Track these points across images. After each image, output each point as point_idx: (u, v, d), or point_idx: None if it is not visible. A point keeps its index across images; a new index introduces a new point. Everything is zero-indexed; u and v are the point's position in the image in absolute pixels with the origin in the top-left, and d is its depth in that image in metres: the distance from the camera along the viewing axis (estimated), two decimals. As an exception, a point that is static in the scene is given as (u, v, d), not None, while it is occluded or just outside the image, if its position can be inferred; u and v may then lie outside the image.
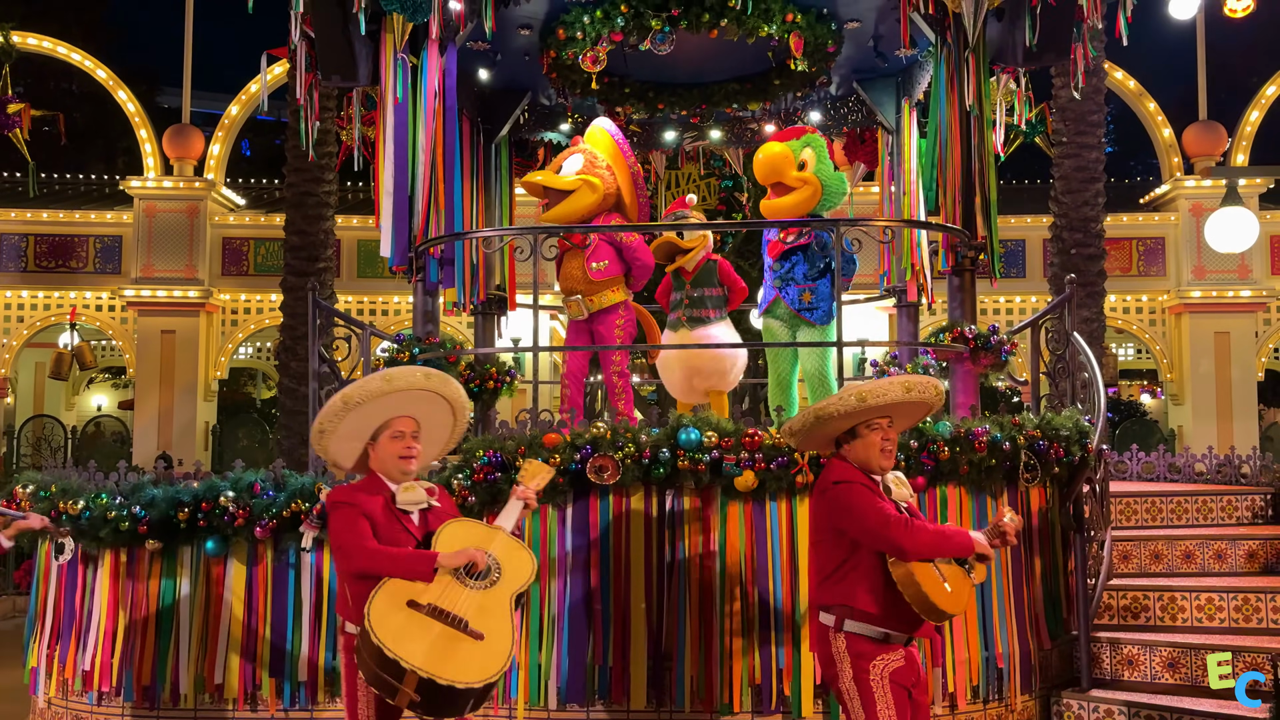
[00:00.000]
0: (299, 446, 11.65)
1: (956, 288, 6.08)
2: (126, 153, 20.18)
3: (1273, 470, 6.76)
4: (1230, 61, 18.93)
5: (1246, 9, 9.33)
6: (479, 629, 3.28)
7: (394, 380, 3.55)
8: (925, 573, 3.43)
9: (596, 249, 5.99)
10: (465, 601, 3.31)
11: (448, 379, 3.68)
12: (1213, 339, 14.98)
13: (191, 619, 4.66)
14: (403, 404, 3.58)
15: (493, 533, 3.53)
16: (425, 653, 3.18)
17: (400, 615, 3.25)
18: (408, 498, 3.54)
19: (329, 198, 13.11)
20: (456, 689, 3.17)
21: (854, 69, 7.03)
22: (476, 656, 3.23)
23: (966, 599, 3.54)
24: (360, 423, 3.56)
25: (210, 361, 15.56)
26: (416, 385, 3.59)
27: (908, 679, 3.52)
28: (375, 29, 5.91)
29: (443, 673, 3.15)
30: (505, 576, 3.41)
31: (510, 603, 3.38)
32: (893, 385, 3.57)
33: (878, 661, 3.46)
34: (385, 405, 3.56)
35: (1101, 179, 12.42)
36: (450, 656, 3.20)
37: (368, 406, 3.53)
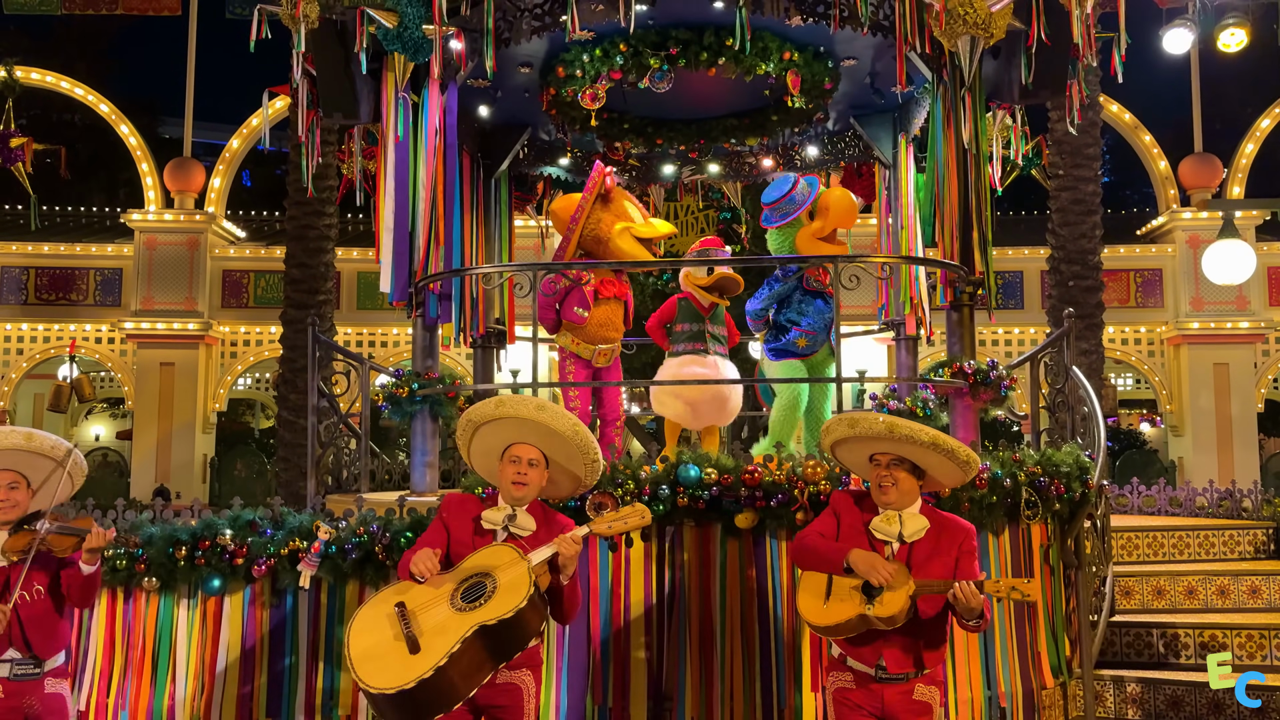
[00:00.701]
0: (298, 479, 11.62)
1: (955, 323, 6.09)
2: (128, 185, 20.30)
3: (1274, 505, 6.74)
4: (1225, 94, 19.09)
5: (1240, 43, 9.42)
6: (424, 644, 3.31)
7: (503, 406, 3.70)
8: (809, 583, 3.59)
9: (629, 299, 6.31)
10: (433, 616, 3.37)
11: (563, 414, 3.69)
12: (1212, 370, 15.00)
13: (189, 658, 4.63)
14: (521, 431, 3.68)
15: (516, 562, 3.49)
16: (363, 649, 3.33)
17: (379, 612, 3.42)
18: (491, 515, 3.65)
19: (329, 231, 13.17)
20: (361, 687, 3.29)
21: (851, 105, 7.09)
22: (395, 667, 3.27)
23: (844, 622, 3.46)
24: (487, 442, 3.75)
25: (209, 394, 15.56)
26: (523, 414, 3.66)
27: (863, 705, 3.53)
28: (377, 68, 5.96)
29: (360, 670, 3.29)
30: (487, 605, 3.38)
31: (468, 630, 3.32)
32: (841, 422, 3.70)
33: (831, 676, 3.66)
34: (502, 430, 3.69)
35: (1098, 211, 12.48)
36: (377, 659, 3.30)
37: (486, 428, 3.72)
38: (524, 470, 3.64)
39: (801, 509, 4.51)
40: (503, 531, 3.63)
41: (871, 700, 3.55)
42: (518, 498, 3.65)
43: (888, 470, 3.60)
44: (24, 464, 3.68)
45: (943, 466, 3.62)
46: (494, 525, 3.64)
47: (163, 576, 4.58)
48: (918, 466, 3.62)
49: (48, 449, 3.68)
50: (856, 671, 3.57)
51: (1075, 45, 5.97)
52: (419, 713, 3.32)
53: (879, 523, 3.60)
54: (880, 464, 3.61)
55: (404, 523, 4.64)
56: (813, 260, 5.96)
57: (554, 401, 4.23)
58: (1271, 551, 6.40)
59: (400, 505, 4.93)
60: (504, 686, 3.54)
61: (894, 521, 3.58)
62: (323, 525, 4.60)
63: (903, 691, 3.54)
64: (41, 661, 3.63)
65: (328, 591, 4.65)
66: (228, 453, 16.22)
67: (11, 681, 3.58)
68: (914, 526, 3.57)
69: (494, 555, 3.52)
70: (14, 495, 3.65)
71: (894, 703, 3.54)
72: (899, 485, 3.60)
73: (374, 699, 3.31)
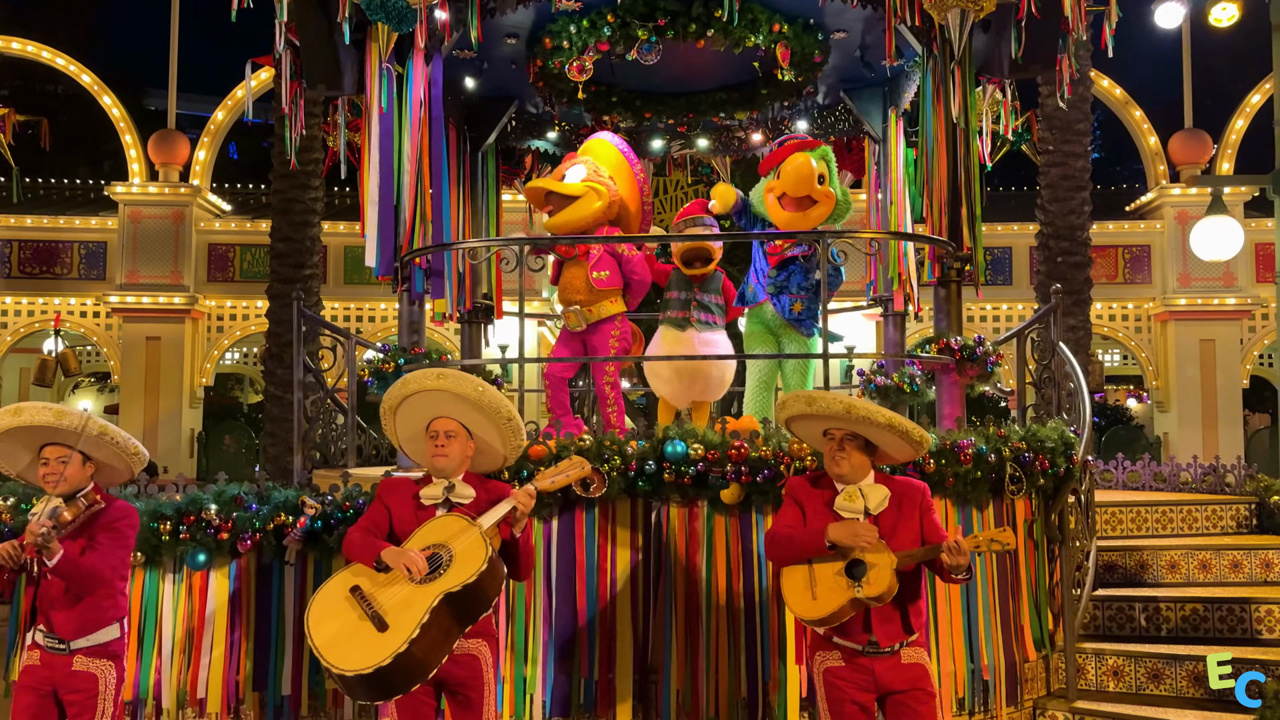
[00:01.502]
0: (285, 454, 11.60)
1: (943, 299, 6.09)
2: (111, 157, 20.08)
3: (1257, 480, 6.79)
4: (1216, 70, 19.06)
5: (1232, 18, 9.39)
6: (391, 621, 3.31)
7: (407, 384, 3.74)
8: (792, 577, 3.58)
9: (600, 260, 5.94)
10: (392, 594, 3.38)
11: (464, 378, 3.69)
12: (1198, 346, 15.07)
13: (174, 633, 4.63)
14: (434, 405, 3.70)
15: (467, 529, 3.50)
16: (328, 635, 3.34)
17: (336, 597, 3.42)
18: (430, 491, 3.69)
19: (315, 204, 13.07)
20: (334, 672, 3.29)
21: (841, 79, 7.04)
22: (367, 646, 3.28)
23: (836, 610, 3.47)
24: (410, 426, 3.80)
25: (196, 368, 15.49)
26: (426, 386, 3.70)
27: (855, 682, 3.54)
28: (360, 38, 5.88)
29: (329, 656, 3.29)
30: (448, 574, 3.40)
31: (434, 599, 3.33)
32: (799, 398, 3.72)
33: (818, 656, 3.66)
34: (415, 406, 3.74)
35: (1088, 187, 12.47)
36: (344, 643, 3.30)
37: (402, 410, 3.77)
38: (442, 442, 3.68)
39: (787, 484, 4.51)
40: (444, 506, 3.65)
41: (862, 675, 3.56)
42: (440, 469, 3.69)
43: (840, 445, 3.65)
44: (65, 437, 3.70)
45: (895, 444, 3.68)
46: (434, 500, 3.67)
47: (147, 551, 4.56)
48: (870, 442, 3.67)
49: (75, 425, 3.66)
50: (844, 649, 3.58)
51: (1066, 19, 5.94)
52: (392, 689, 3.35)
53: (842, 500, 3.63)
54: (834, 439, 3.66)
55: (390, 498, 4.63)
56: (802, 236, 5.93)
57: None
58: (1253, 526, 6.45)
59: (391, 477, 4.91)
60: (462, 658, 3.56)
61: (856, 497, 3.62)
62: (308, 500, 4.59)
63: (892, 664, 3.56)
64: (66, 639, 3.63)
65: (314, 566, 4.66)
66: (215, 427, 16.17)
67: (46, 653, 3.66)
68: (877, 498, 3.62)
69: (443, 526, 3.54)
70: (63, 469, 3.67)
71: (886, 674, 3.55)
72: (851, 459, 3.65)
73: (347, 681, 3.31)
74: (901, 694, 3.57)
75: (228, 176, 19.18)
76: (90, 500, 3.68)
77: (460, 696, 3.62)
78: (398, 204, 5.93)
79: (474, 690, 3.61)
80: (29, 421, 3.66)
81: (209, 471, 14.70)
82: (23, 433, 3.71)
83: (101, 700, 3.66)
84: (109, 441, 3.74)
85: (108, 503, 3.75)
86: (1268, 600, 5.29)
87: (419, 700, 3.56)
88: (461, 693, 3.61)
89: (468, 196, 7.29)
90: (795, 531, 3.63)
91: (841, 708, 3.56)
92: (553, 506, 4.61)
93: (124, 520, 3.76)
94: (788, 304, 6.08)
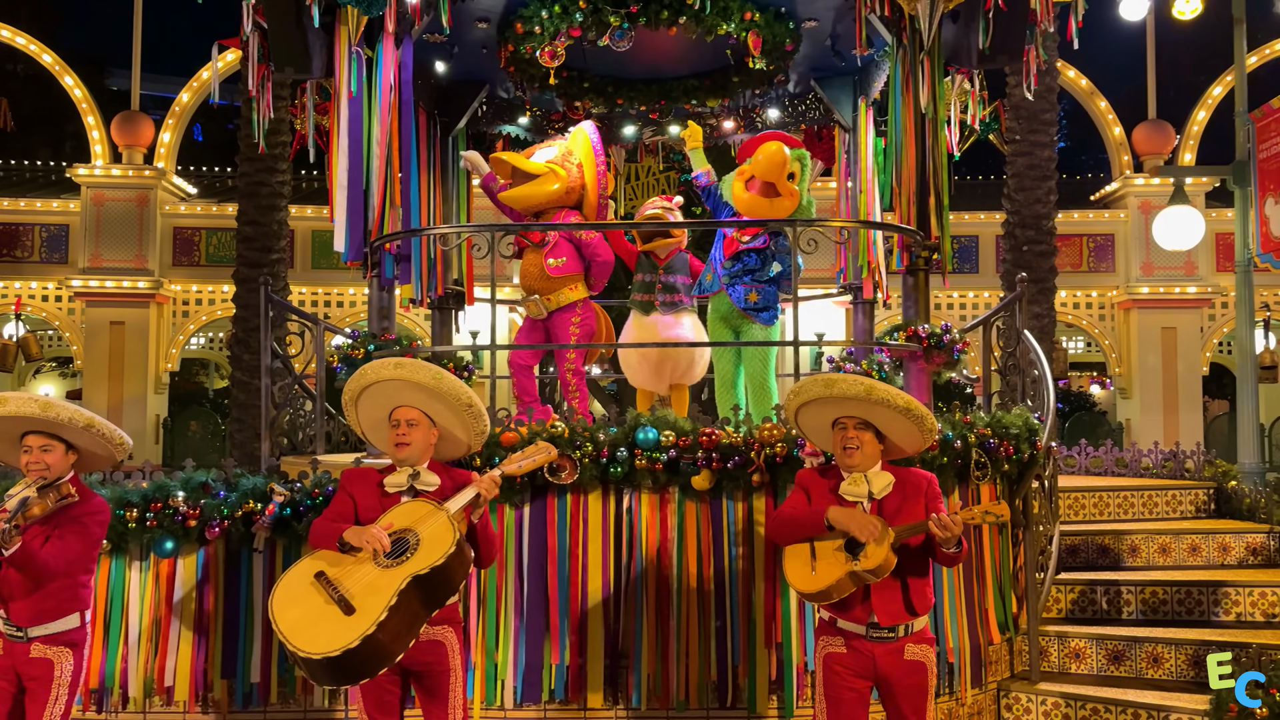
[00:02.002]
0: (252, 440, 11.51)
1: (911, 287, 6.15)
2: (74, 138, 19.75)
3: (1215, 465, 6.93)
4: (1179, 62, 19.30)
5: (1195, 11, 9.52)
6: (357, 605, 3.31)
7: (364, 375, 3.72)
8: (793, 554, 3.64)
9: (555, 246, 5.94)
10: (358, 577, 3.38)
11: (421, 367, 3.69)
12: (1160, 334, 15.30)
13: (141, 621, 4.59)
14: (395, 395, 3.70)
15: (434, 513, 3.51)
16: (294, 620, 3.32)
17: (301, 582, 3.41)
18: (394, 479, 3.69)
19: (282, 188, 12.94)
20: (300, 657, 3.28)
21: (812, 67, 7.07)
22: (334, 630, 3.27)
23: (834, 583, 3.51)
24: (372, 416, 3.80)
25: (161, 354, 15.30)
26: (383, 376, 3.69)
27: (854, 668, 3.58)
28: (329, 21, 5.82)
29: (294, 640, 3.28)
30: (415, 557, 3.40)
31: (401, 582, 3.33)
32: (816, 382, 3.71)
33: (821, 641, 3.70)
34: (375, 396, 3.73)
35: (1054, 177, 12.62)
36: (310, 627, 3.29)
37: (362, 400, 3.77)
38: (404, 431, 3.68)
39: (758, 470, 4.56)
40: (409, 494, 3.65)
41: (862, 662, 3.58)
42: (403, 457, 3.69)
43: (854, 433, 3.66)
44: (53, 427, 3.68)
45: (906, 432, 3.69)
46: (399, 488, 3.67)
47: (114, 539, 4.52)
48: (879, 431, 3.69)
49: (65, 419, 3.65)
50: (847, 633, 3.61)
51: (1033, 10, 5.99)
52: (359, 673, 3.34)
53: (847, 486, 3.67)
54: (846, 427, 3.67)
55: (360, 484, 4.62)
56: (771, 224, 5.96)
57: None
58: (1212, 511, 6.59)
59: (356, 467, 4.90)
60: (428, 644, 3.57)
61: (860, 482, 3.66)
62: (277, 487, 4.57)
63: (893, 650, 3.57)
64: (23, 627, 3.61)
65: (283, 553, 4.63)
66: (181, 413, 15.98)
67: (6, 639, 3.65)
68: (881, 483, 3.66)
69: (410, 510, 3.54)
70: (45, 457, 3.66)
71: (886, 663, 3.57)
72: (863, 449, 3.67)
73: (313, 665, 3.30)
74: (899, 688, 3.59)
75: (193, 159, 18.90)
76: (64, 493, 3.64)
77: (427, 683, 3.63)
78: (367, 189, 5.89)
79: (440, 677, 3.62)
80: (14, 412, 3.62)
81: (174, 458, 14.55)
82: (5, 422, 3.67)
83: (56, 686, 3.62)
84: (95, 433, 3.72)
85: (82, 497, 3.71)
86: (1225, 583, 5.41)
87: (383, 687, 3.56)
88: (428, 680, 3.62)
89: (438, 182, 7.25)
90: (797, 512, 3.67)
91: (839, 693, 3.60)
92: (524, 493, 4.62)
93: (93, 516, 3.73)
94: (742, 294, 6.08)
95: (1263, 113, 8.14)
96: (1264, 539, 5.90)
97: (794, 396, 3.79)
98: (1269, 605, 5.34)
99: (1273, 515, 6.09)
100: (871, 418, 3.67)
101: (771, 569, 4.60)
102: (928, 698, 3.64)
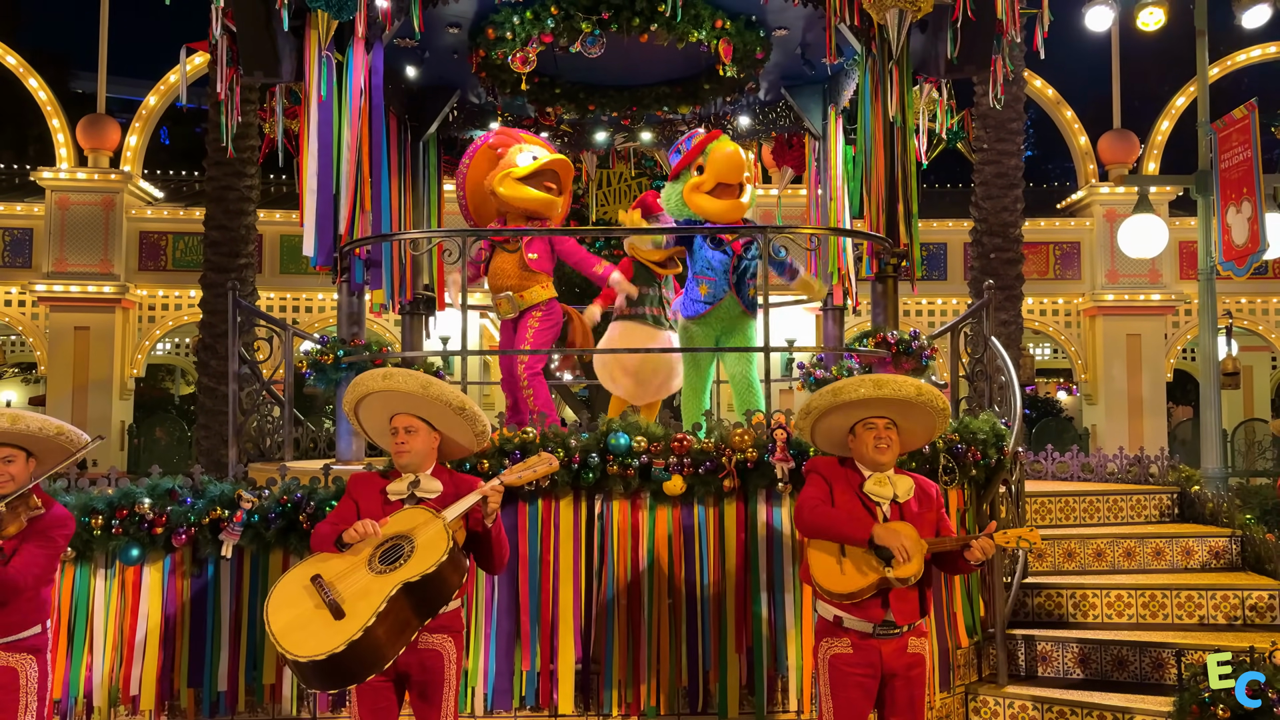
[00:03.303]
0: (219, 447, 11.38)
1: (880, 294, 6.20)
2: (38, 141, 19.47)
3: (1179, 470, 7.03)
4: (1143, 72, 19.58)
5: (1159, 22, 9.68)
6: (347, 609, 3.31)
7: (358, 386, 3.76)
8: (820, 552, 3.64)
9: (531, 241, 5.90)
10: (352, 582, 3.38)
11: (409, 376, 3.70)
12: (1125, 341, 15.51)
13: (106, 629, 4.53)
14: (388, 403, 3.74)
15: (430, 521, 3.51)
16: (285, 622, 3.32)
17: (296, 585, 3.42)
18: (395, 487, 3.69)
19: (251, 192, 12.84)
20: (289, 659, 3.28)
21: (782, 75, 7.12)
22: (322, 634, 3.27)
23: (864, 587, 3.55)
24: (373, 423, 3.84)
25: (126, 359, 15.11)
26: (372, 388, 3.72)
27: (861, 668, 3.60)
28: (299, 25, 5.79)
29: (284, 642, 3.28)
30: (408, 564, 3.40)
31: (392, 588, 3.33)
32: (864, 382, 3.70)
33: (824, 643, 3.69)
34: (373, 406, 3.77)
35: (1021, 185, 12.77)
36: (300, 630, 3.29)
37: (361, 410, 3.81)
38: (402, 439, 3.71)
39: (729, 476, 4.58)
40: (409, 501, 3.66)
41: (869, 659, 3.61)
42: (404, 464, 3.72)
43: (886, 433, 3.70)
44: (22, 440, 3.61)
45: (926, 430, 3.79)
46: (400, 495, 3.68)
47: (79, 546, 4.46)
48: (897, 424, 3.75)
49: (35, 430, 3.59)
50: (854, 632, 3.62)
51: (999, 21, 6.08)
52: (347, 677, 3.33)
53: (872, 485, 3.68)
54: (876, 427, 3.70)
55: (329, 491, 4.60)
56: (743, 231, 5.99)
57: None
58: (1175, 515, 6.68)
59: (325, 473, 4.87)
60: (425, 652, 3.56)
61: (885, 484, 3.69)
62: (245, 494, 4.53)
63: (898, 647, 3.62)
64: None
65: (250, 561, 4.60)
66: (146, 420, 15.79)
67: None
68: (904, 486, 3.70)
69: (408, 518, 3.55)
70: (8, 469, 3.57)
71: (892, 658, 3.62)
72: (894, 448, 3.73)
73: (301, 668, 3.30)
74: (901, 680, 3.64)
75: (159, 163, 18.71)
76: (33, 505, 3.57)
77: (422, 692, 3.60)
78: (337, 193, 5.86)
79: (435, 687, 3.60)
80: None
81: (140, 465, 14.36)
82: None
83: (24, 695, 3.55)
84: (65, 439, 3.67)
85: (46, 508, 3.65)
86: (1187, 587, 5.49)
87: (380, 695, 3.55)
88: (423, 688, 3.60)
89: (409, 187, 7.23)
90: (837, 518, 3.62)
91: (846, 692, 3.61)
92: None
93: (58, 529, 3.66)
94: (747, 293, 6.13)
95: (1225, 123, 8.29)
96: (1226, 542, 5.99)
97: (838, 393, 3.72)
98: (1230, 609, 5.42)
99: (1235, 519, 6.19)
100: (904, 416, 3.73)
101: (742, 575, 4.62)
102: (925, 688, 3.70)
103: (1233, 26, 8.73)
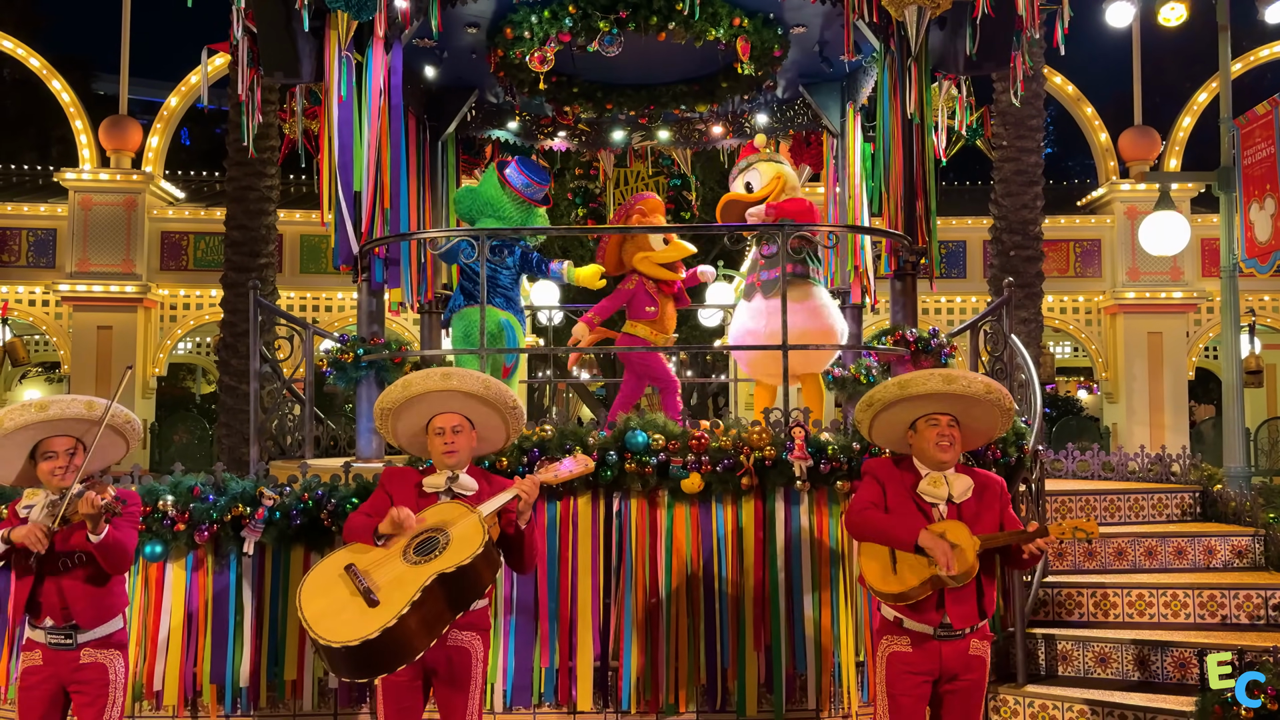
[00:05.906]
0: (240, 445, 11.48)
1: (899, 291, 6.18)
2: (61, 143, 19.67)
3: (1201, 469, 6.97)
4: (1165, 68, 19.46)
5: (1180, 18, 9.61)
6: (382, 598, 3.32)
7: (411, 386, 3.73)
8: (871, 554, 3.60)
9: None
10: (387, 571, 3.40)
11: (469, 375, 3.73)
12: (1146, 339, 15.39)
13: (130, 625, 4.57)
14: (437, 403, 3.74)
15: (466, 514, 3.53)
16: (319, 609, 3.34)
17: (330, 573, 3.43)
18: (433, 481, 3.71)
19: (271, 192, 12.92)
20: (321, 644, 3.29)
21: (800, 73, 7.11)
22: (356, 621, 3.28)
23: (915, 587, 3.51)
24: (409, 423, 3.80)
25: (148, 358, 15.24)
26: (433, 388, 3.71)
27: (920, 668, 3.57)
28: (319, 25, 5.82)
29: (316, 628, 3.29)
30: (443, 556, 3.41)
31: (427, 579, 3.34)
32: (932, 376, 3.64)
33: (884, 640, 3.66)
34: (419, 407, 3.75)
35: (1040, 182, 12.69)
36: (333, 616, 3.31)
37: (400, 410, 3.77)
38: (450, 439, 3.71)
39: (747, 474, 4.58)
40: (446, 495, 3.67)
41: (929, 660, 3.57)
42: (451, 465, 3.72)
43: (949, 430, 3.62)
44: (80, 430, 3.65)
45: (989, 428, 3.72)
46: (437, 489, 3.69)
47: (102, 543, 4.50)
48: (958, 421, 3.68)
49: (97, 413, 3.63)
50: (915, 633, 3.59)
51: (1019, 17, 6.04)
52: (378, 666, 3.34)
53: (926, 486, 3.62)
54: (940, 424, 3.62)
55: (349, 489, 4.63)
56: (760, 228, 5.98)
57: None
58: (1197, 514, 6.63)
59: (345, 471, 4.90)
60: (454, 649, 3.57)
61: (940, 484, 3.61)
62: (266, 491, 4.57)
63: (960, 649, 3.58)
64: (77, 631, 3.54)
65: (272, 557, 4.63)
66: (168, 418, 15.92)
67: (49, 650, 3.56)
68: (961, 486, 3.62)
69: (443, 512, 3.56)
70: (70, 461, 3.61)
71: (952, 659, 3.58)
72: (958, 445, 3.65)
73: (333, 655, 3.30)
74: (960, 681, 3.60)
75: (181, 163, 18.86)
76: (102, 492, 3.58)
77: (449, 689, 3.61)
78: (357, 193, 5.89)
79: (462, 684, 3.60)
80: (58, 415, 3.59)
81: (162, 463, 14.49)
82: (22, 433, 3.58)
83: (112, 690, 3.59)
84: (133, 429, 3.74)
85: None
86: (1209, 586, 5.45)
87: (405, 693, 3.56)
88: (450, 686, 3.60)
89: (428, 186, 7.26)
90: (886, 522, 3.57)
91: (905, 692, 3.58)
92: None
93: (133, 504, 3.71)
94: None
95: (1247, 119, 8.22)
96: (1249, 541, 5.94)
97: (904, 386, 3.65)
98: (1254, 608, 5.38)
99: (1258, 518, 6.13)
100: (968, 414, 3.66)
101: (761, 573, 4.62)
102: (984, 691, 3.67)
103: (1255, 21, 8.66)
